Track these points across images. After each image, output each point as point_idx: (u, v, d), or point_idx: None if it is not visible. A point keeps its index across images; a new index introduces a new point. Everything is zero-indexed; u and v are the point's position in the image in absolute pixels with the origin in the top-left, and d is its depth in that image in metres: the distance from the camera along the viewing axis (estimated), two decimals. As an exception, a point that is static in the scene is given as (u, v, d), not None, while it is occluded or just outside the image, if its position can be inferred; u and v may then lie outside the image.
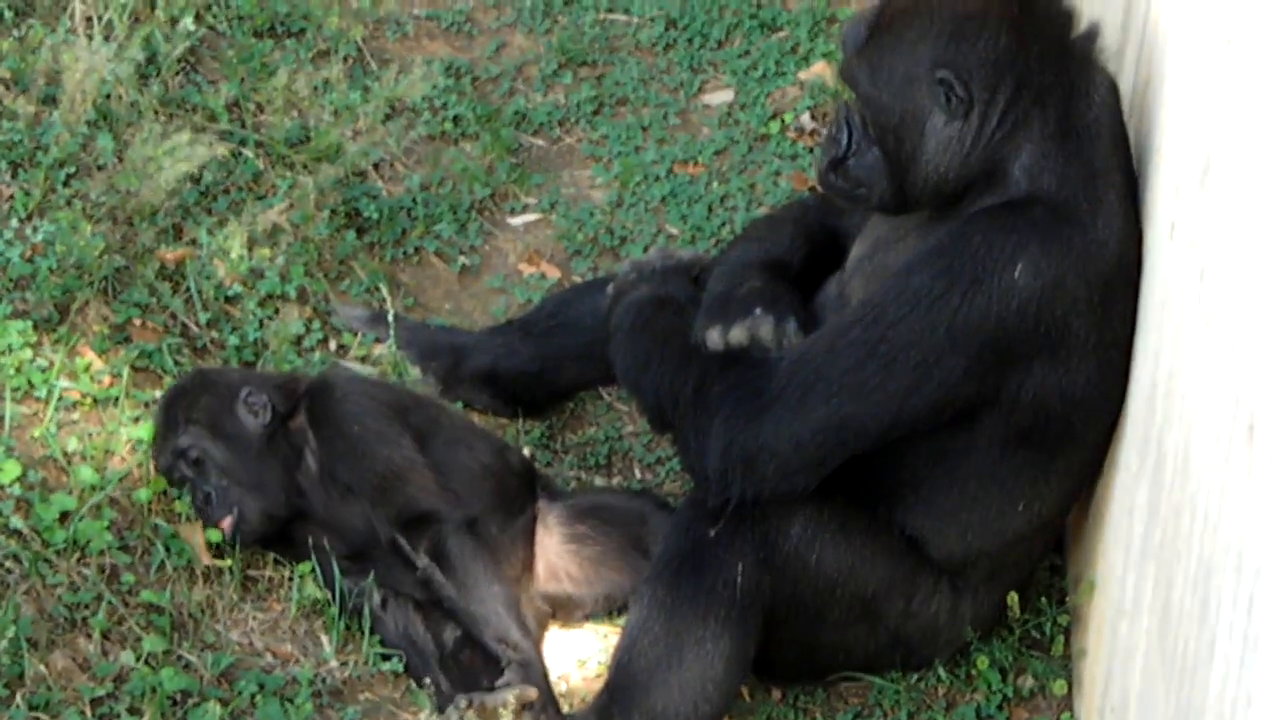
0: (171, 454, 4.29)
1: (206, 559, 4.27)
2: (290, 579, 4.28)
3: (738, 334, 4.06)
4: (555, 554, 4.40)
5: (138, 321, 4.67)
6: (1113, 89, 3.98)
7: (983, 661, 4.23)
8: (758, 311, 4.08)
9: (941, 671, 4.24)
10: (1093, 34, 3.97)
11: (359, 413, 4.35)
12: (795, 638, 4.10)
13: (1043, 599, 4.29)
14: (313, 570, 4.27)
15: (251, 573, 4.31)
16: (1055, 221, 3.83)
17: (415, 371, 4.73)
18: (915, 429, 3.93)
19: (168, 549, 4.23)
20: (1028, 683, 4.26)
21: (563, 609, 4.41)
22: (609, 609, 4.42)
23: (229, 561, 4.25)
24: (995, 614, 4.21)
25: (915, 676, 4.25)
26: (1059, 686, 4.24)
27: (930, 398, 3.88)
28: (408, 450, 4.34)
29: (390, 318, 4.74)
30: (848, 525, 4.04)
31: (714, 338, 4.06)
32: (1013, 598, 4.18)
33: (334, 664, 4.19)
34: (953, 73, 3.85)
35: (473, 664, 4.20)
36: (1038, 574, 4.35)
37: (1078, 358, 3.87)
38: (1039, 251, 3.80)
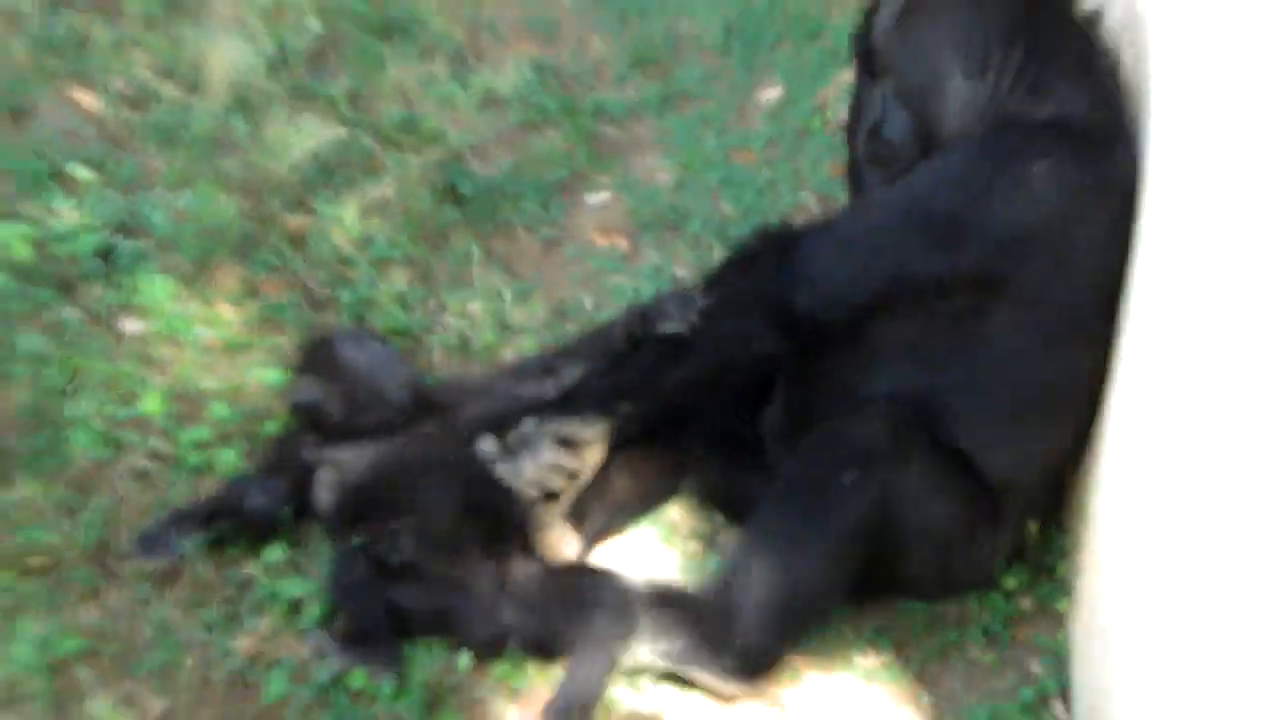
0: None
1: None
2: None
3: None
4: None
5: (266, 279, 4.83)
6: (1117, 69, 3.98)
7: (1009, 581, 4.18)
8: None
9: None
10: (1093, 19, 4.02)
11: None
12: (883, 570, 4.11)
13: (1052, 527, 4.19)
14: None
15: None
16: (1083, 140, 3.82)
17: None
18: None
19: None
20: (1029, 603, 4.17)
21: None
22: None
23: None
24: (1020, 545, 4.20)
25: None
26: (1064, 605, 4.15)
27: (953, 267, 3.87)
28: None
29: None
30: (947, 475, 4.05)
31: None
32: (1033, 526, 4.16)
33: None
34: (968, 36, 3.93)
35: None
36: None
37: (1075, 270, 3.85)
38: (1061, 159, 3.81)
